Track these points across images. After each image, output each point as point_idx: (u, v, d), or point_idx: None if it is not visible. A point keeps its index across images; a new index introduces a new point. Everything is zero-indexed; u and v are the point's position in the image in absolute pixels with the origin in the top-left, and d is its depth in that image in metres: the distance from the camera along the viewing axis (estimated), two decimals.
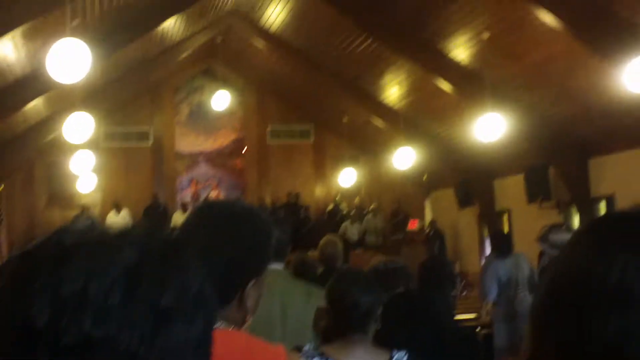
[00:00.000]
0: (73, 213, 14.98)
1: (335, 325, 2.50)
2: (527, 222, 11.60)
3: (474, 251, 15.31)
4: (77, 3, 8.28)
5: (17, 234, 14.75)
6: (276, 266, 3.24)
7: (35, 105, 11.44)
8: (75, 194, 15.27)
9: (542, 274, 6.17)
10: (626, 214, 0.83)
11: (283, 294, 3.12)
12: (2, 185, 14.50)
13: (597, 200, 11.01)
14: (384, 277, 3.66)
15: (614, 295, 0.71)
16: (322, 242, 5.24)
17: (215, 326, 1.30)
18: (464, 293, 11.87)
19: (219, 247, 1.33)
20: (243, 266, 1.37)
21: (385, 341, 2.52)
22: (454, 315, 4.69)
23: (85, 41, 7.03)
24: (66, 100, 11.68)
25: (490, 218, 14.48)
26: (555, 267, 0.82)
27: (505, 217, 14.24)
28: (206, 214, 1.42)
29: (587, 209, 10.87)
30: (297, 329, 2.96)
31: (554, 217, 10.88)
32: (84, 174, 13.40)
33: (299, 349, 2.33)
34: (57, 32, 7.76)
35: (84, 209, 15.12)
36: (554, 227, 6.19)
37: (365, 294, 2.49)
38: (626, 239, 0.76)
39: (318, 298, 2.90)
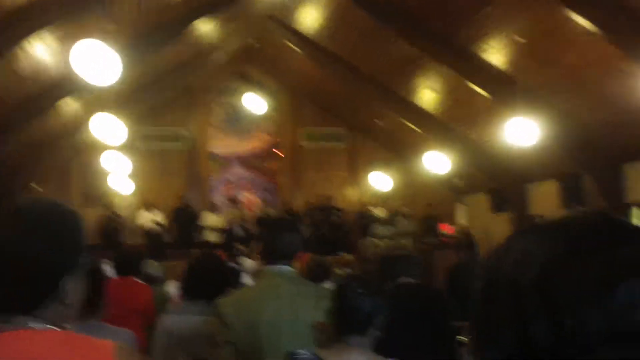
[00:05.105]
0: (107, 213, 15.13)
1: (335, 329, 2.49)
2: None
3: None
4: (114, 5, 8.42)
5: None
6: (285, 267, 3.23)
7: (72, 108, 11.65)
8: (110, 192, 15.40)
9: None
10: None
11: (292, 297, 3.11)
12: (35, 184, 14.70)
13: (631, 206, 10.86)
14: (390, 264, 3.65)
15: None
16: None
17: (31, 327, 1.28)
18: None
19: (22, 250, 1.32)
20: (50, 265, 1.34)
21: (384, 350, 2.49)
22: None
23: (119, 44, 7.16)
24: (103, 102, 11.89)
25: (523, 224, 14.22)
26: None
27: None
28: (7, 217, 1.39)
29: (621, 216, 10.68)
30: (308, 332, 2.91)
31: None
32: (119, 174, 13.56)
33: (294, 354, 2.32)
34: (92, 35, 7.92)
35: (113, 212, 15.20)
36: None
37: (369, 298, 2.48)
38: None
39: (328, 300, 2.88)
